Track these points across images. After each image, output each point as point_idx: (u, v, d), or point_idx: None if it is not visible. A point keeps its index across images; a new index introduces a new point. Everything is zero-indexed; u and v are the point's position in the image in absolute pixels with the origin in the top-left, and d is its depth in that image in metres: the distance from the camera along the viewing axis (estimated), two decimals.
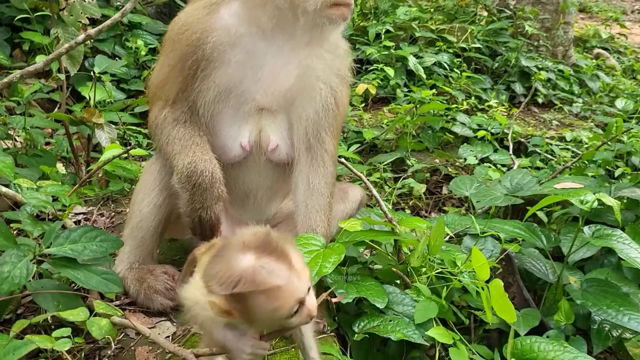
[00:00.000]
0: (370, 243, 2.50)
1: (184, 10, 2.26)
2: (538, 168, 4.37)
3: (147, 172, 2.31)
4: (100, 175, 3.54)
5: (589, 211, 2.42)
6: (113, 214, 2.91)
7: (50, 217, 2.46)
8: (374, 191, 2.65)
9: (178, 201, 2.16)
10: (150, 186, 2.26)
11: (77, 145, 3.64)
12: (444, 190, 4.27)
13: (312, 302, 1.45)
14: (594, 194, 2.43)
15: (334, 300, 1.82)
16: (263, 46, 2.15)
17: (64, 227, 2.30)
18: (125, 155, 3.06)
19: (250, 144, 2.23)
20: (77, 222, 2.79)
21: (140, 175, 2.42)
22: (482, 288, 2.01)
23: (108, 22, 2.75)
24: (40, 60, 2.88)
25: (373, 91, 5.24)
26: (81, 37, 2.70)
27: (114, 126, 3.97)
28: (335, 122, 2.35)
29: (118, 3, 5.51)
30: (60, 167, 3.21)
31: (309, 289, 1.45)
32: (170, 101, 2.17)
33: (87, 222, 2.79)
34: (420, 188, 4.02)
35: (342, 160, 3.07)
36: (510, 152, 4.59)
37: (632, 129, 4.29)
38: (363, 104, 5.37)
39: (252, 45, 2.14)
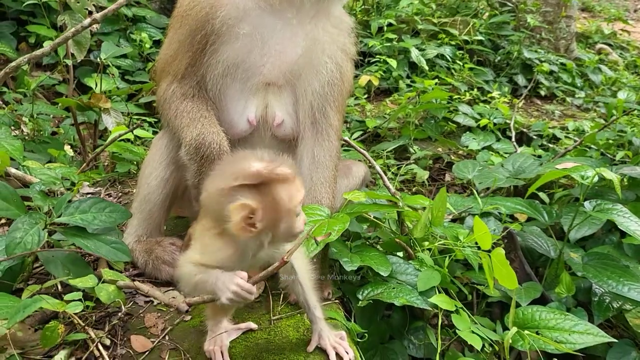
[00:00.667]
0: (374, 219, 2.54)
1: None
2: (540, 156, 4.40)
3: (155, 146, 2.35)
4: (106, 163, 3.60)
5: (589, 186, 2.46)
6: (120, 194, 2.96)
7: (59, 194, 2.50)
8: (378, 167, 2.69)
9: (186, 173, 2.20)
10: (158, 160, 2.30)
11: (84, 135, 3.69)
12: (447, 178, 4.30)
13: (304, 215, 1.64)
14: (602, 168, 2.46)
15: (319, 239, 1.86)
16: (271, 20, 2.19)
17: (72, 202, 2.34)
18: (130, 137, 3.10)
19: (256, 118, 2.27)
20: None
21: (148, 150, 2.46)
22: (485, 258, 2.04)
23: (113, 6, 2.80)
24: (47, 46, 2.92)
25: (376, 82, 5.28)
26: (87, 21, 2.75)
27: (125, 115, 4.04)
28: (340, 96, 2.38)
29: None
30: (68, 149, 3.26)
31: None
32: (179, 76, 2.21)
33: None
34: (423, 174, 4.06)
35: (345, 138, 3.11)
36: (513, 140, 4.62)
37: (633, 110, 4.31)
38: (366, 96, 5.41)
39: (260, 20, 2.18)
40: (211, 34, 2.15)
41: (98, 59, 3.63)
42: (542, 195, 3.23)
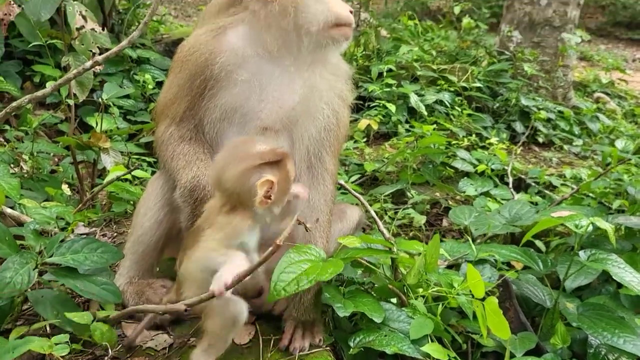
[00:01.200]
0: (368, 264, 2.52)
1: (192, 33, 2.37)
2: (536, 204, 4.40)
3: (151, 186, 2.37)
4: (104, 202, 3.61)
5: (584, 236, 2.45)
6: (115, 234, 2.96)
7: (53, 234, 2.50)
8: (372, 212, 2.69)
9: (180, 216, 2.21)
10: (153, 201, 2.31)
11: (83, 173, 3.71)
12: (444, 223, 4.29)
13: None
14: (595, 217, 2.46)
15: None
16: (269, 67, 2.24)
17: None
18: (129, 177, 3.12)
19: None
20: None
21: (143, 190, 2.47)
22: (478, 306, 2.03)
23: (115, 49, 2.86)
24: (49, 86, 2.97)
25: (375, 127, 5.35)
26: (89, 63, 2.80)
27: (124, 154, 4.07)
28: (337, 142, 2.42)
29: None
30: (66, 188, 3.27)
31: None
32: (177, 119, 2.25)
33: None
34: (421, 219, 4.05)
35: (341, 182, 3.12)
36: (510, 186, 4.63)
37: (629, 159, 4.34)
38: (365, 139, 5.46)
39: (258, 66, 2.23)
40: (210, 79, 2.20)
41: (99, 99, 3.66)
42: (538, 243, 3.22)
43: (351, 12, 2.27)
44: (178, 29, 8.19)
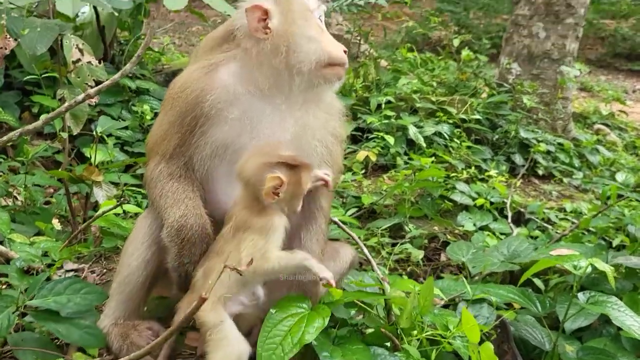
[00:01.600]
0: (362, 305, 2.46)
1: (184, 70, 2.35)
2: (536, 237, 4.34)
3: (139, 225, 2.33)
4: (97, 234, 3.56)
5: (583, 277, 2.40)
6: (105, 270, 2.90)
7: (39, 272, 2.45)
8: (365, 250, 2.65)
9: (167, 256, 2.16)
10: (140, 240, 2.27)
11: (76, 205, 3.68)
12: (442, 258, 4.23)
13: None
14: (594, 258, 2.42)
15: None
16: (260, 105, 2.22)
17: (50, 280, 2.29)
18: (120, 212, 3.08)
19: None
20: None
21: (132, 228, 2.43)
22: (473, 352, 1.96)
23: (107, 82, 2.85)
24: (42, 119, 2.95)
25: (373, 158, 5.32)
26: (81, 96, 2.79)
27: (113, 186, 4.03)
28: (331, 179, 2.38)
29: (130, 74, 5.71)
30: (56, 222, 3.23)
31: None
32: (167, 156, 2.22)
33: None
34: (418, 254, 3.99)
35: (335, 219, 3.07)
36: (509, 220, 4.57)
37: (628, 197, 4.30)
38: (363, 171, 5.43)
39: (249, 104, 2.21)
40: (200, 116, 2.18)
41: (94, 132, 3.65)
42: (537, 281, 3.15)
43: (345, 52, 2.25)
44: (179, 59, 8.24)
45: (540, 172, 6.15)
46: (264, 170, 2.04)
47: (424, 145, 5.50)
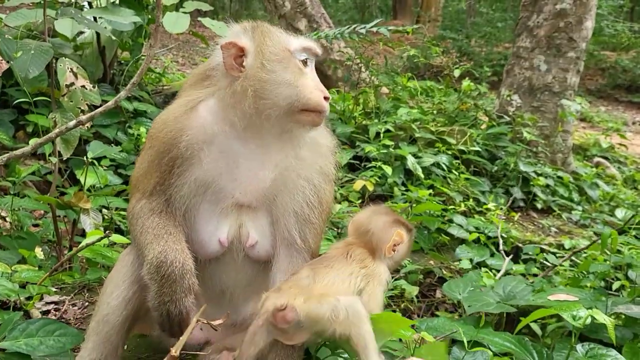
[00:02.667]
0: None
1: (167, 107, 2.30)
2: (534, 275, 4.25)
3: (120, 262, 2.24)
4: (84, 260, 3.47)
5: (582, 327, 2.31)
6: (87, 303, 2.81)
7: (18, 305, 2.36)
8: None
9: (148, 294, 2.07)
10: (121, 278, 2.18)
11: (64, 229, 3.60)
12: (438, 294, 4.13)
13: None
14: (589, 308, 2.34)
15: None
16: (238, 146, 2.16)
17: (29, 316, 2.20)
18: (108, 242, 3.00)
19: (228, 239, 2.18)
20: (47, 312, 2.68)
21: (113, 265, 2.35)
22: None
23: (100, 109, 2.79)
24: (33, 143, 2.89)
25: (370, 188, 5.24)
26: (72, 122, 2.73)
27: (106, 211, 3.96)
28: (319, 219, 2.30)
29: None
30: (39, 251, 3.15)
31: None
32: (148, 193, 2.16)
33: (58, 312, 2.68)
34: (412, 290, 3.89)
35: None
36: (504, 257, 4.48)
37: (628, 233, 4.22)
38: (360, 200, 5.35)
39: (226, 145, 2.15)
40: (177, 157, 2.12)
41: (85, 158, 3.58)
42: (534, 326, 3.06)
43: (327, 98, 2.13)
44: (180, 79, 8.22)
45: (539, 205, 6.08)
46: (391, 226, 2.32)
47: (422, 176, 5.44)
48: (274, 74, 2.08)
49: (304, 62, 2.15)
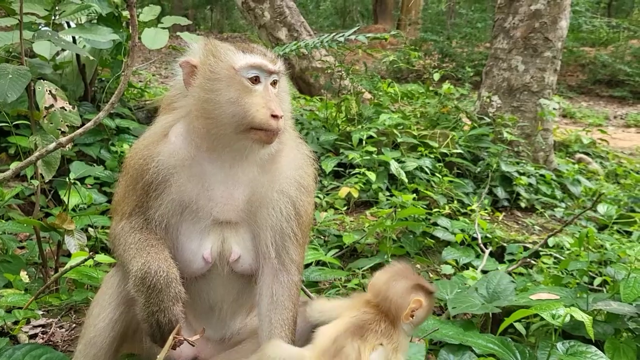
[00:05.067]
0: None
1: (144, 133, 2.33)
2: (520, 274, 4.31)
3: (106, 284, 2.26)
4: (71, 282, 3.47)
5: (561, 326, 2.37)
6: (74, 325, 2.81)
7: (5, 330, 2.37)
8: None
9: (136, 308, 2.09)
10: (107, 299, 2.20)
11: (49, 251, 3.59)
12: None
13: None
14: (570, 305, 2.39)
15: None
16: (208, 167, 2.18)
17: (17, 340, 2.21)
18: (93, 262, 3.01)
19: (212, 255, 2.21)
20: (34, 336, 2.68)
21: (99, 287, 2.36)
22: None
23: (79, 130, 2.80)
24: (14, 167, 2.89)
25: (356, 195, 5.29)
26: (52, 145, 2.74)
27: (92, 230, 3.96)
28: (300, 231, 2.33)
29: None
30: (24, 275, 3.15)
31: None
32: (127, 214, 2.19)
33: (45, 335, 2.69)
34: None
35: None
36: (484, 249, 4.55)
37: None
38: (346, 207, 5.40)
39: (198, 167, 2.17)
40: (151, 182, 2.15)
41: (67, 179, 3.59)
42: (518, 326, 3.11)
43: (276, 116, 2.07)
44: (163, 93, 8.23)
45: (522, 204, 6.16)
46: (409, 293, 2.18)
47: (406, 180, 5.49)
48: (215, 93, 2.07)
49: (254, 80, 2.11)
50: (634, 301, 2.67)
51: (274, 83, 2.17)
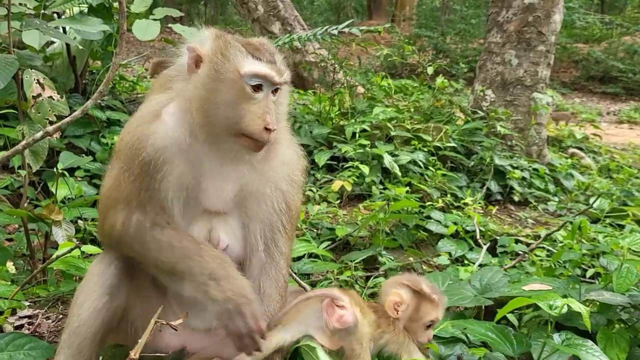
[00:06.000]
0: None
1: (133, 116, 2.27)
2: (512, 267, 4.29)
3: (90, 273, 2.21)
4: (59, 274, 3.43)
5: (557, 316, 2.35)
6: (61, 316, 2.77)
7: None
8: None
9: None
10: (92, 288, 2.15)
11: (37, 243, 3.55)
12: None
13: (431, 333, 2.47)
14: (563, 296, 2.38)
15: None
16: (202, 155, 2.12)
17: (2, 330, 2.17)
18: (81, 253, 2.97)
19: None
20: (20, 327, 2.64)
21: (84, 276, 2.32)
22: None
23: (67, 119, 2.75)
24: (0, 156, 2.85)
25: (349, 188, 5.26)
26: (39, 134, 2.70)
27: (81, 221, 3.91)
28: (289, 223, 2.31)
29: (99, 101, 5.62)
30: (10, 265, 3.10)
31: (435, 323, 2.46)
32: (133, 204, 2.09)
33: (31, 326, 2.65)
34: None
35: (291, 272, 3.02)
36: (482, 245, 4.53)
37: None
38: (338, 201, 5.37)
39: (192, 153, 2.11)
40: (149, 160, 2.06)
41: (55, 169, 3.54)
42: (511, 317, 3.10)
43: (268, 129, 2.03)
44: None
45: (516, 198, 6.15)
46: (390, 287, 2.42)
47: (399, 174, 5.46)
48: (215, 93, 2.03)
49: (256, 88, 2.06)
50: (627, 291, 2.66)
51: (275, 90, 2.12)
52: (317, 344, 2.19)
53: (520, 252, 4.44)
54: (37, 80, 3.30)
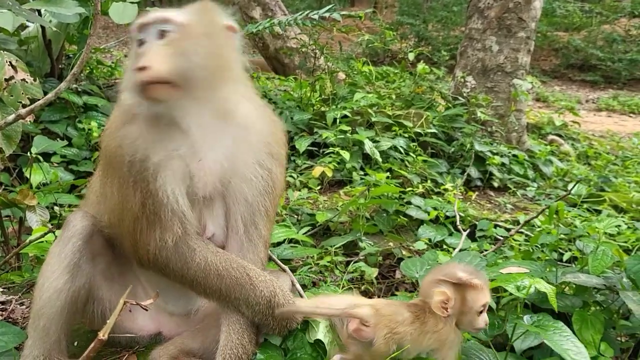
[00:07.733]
0: None
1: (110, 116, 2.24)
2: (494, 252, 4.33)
3: (50, 255, 2.17)
4: (34, 260, 3.38)
5: (532, 296, 2.37)
6: None
7: None
8: (298, 286, 2.62)
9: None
10: (50, 269, 2.11)
11: (12, 230, 3.49)
12: (397, 275, 4.17)
13: (486, 316, 2.34)
14: (537, 278, 2.40)
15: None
16: (178, 135, 2.09)
17: None
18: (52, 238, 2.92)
19: None
20: None
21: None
22: None
23: (40, 102, 2.70)
24: None
25: (329, 174, 5.25)
26: (11, 116, 2.64)
27: (57, 207, 3.85)
28: (272, 205, 2.28)
29: (75, 85, 5.53)
30: None
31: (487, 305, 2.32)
32: (157, 223, 2.07)
33: (5, 312, 2.60)
34: (372, 272, 3.92)
35: (271, 255, 3.02)
36: (462, 231, 4.56)
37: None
38: (319, 187, 5.36)
39: (169, 138, 2.08)
40: (134, 164, 2.05)
41: (29, 153, 3.47)
42: None
43: (143, 68, 1.89)
44: None
45: (495, 184, 6.19)
46: (432, 286, 2.31)
47: (380, 160, 5.47)
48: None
49: (140, 43, 2.00)
50: (602, 273, 2.69)
51: (161, 35, 1.98)
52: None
53: (499, 237, 4.47)
54: (10, 62, 3.22)
